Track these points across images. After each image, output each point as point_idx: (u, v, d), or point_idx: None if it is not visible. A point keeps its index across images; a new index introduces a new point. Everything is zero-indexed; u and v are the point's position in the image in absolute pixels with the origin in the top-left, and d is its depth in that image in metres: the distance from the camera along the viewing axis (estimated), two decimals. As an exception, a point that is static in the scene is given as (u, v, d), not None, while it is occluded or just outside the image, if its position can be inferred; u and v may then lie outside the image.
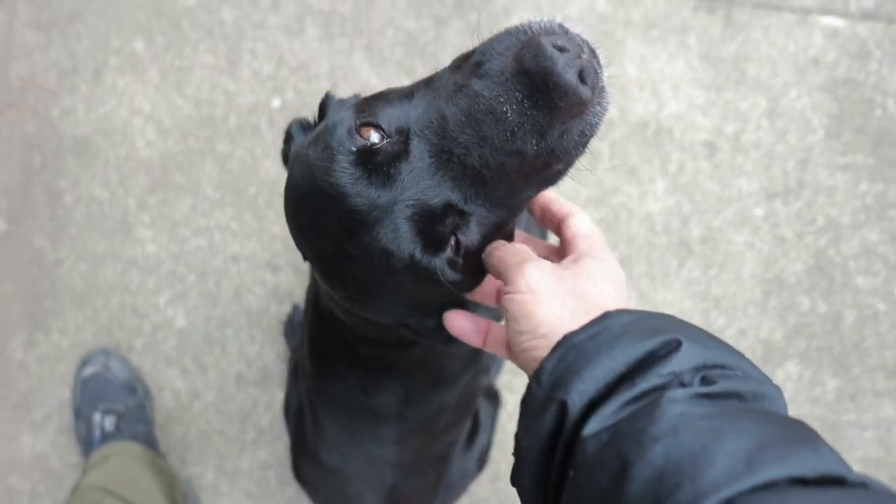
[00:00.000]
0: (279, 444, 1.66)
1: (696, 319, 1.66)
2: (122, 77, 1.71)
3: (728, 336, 1.66)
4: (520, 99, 0.54)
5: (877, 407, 1.66)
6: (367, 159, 0.60)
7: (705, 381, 0.47)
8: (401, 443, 1.05)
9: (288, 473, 1.63)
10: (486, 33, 0.61)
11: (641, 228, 1.67)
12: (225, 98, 1.69)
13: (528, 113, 0.54)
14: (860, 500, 0.39)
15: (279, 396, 1.66)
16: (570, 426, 0.48)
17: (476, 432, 1.34)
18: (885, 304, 1.66)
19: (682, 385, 0.47)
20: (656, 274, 1.67)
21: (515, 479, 0.53)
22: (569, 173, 0.63)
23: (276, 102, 1.69)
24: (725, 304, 1.67)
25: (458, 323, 0.68)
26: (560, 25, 0.57)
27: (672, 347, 0.48)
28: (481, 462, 1.41)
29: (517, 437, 0.53)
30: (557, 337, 0.53)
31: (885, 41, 1.68)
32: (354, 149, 0.61)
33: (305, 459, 1.19)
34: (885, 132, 1.68)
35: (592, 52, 0.57)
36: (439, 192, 0.59)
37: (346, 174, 0.61)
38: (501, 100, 0.55)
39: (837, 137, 1.68)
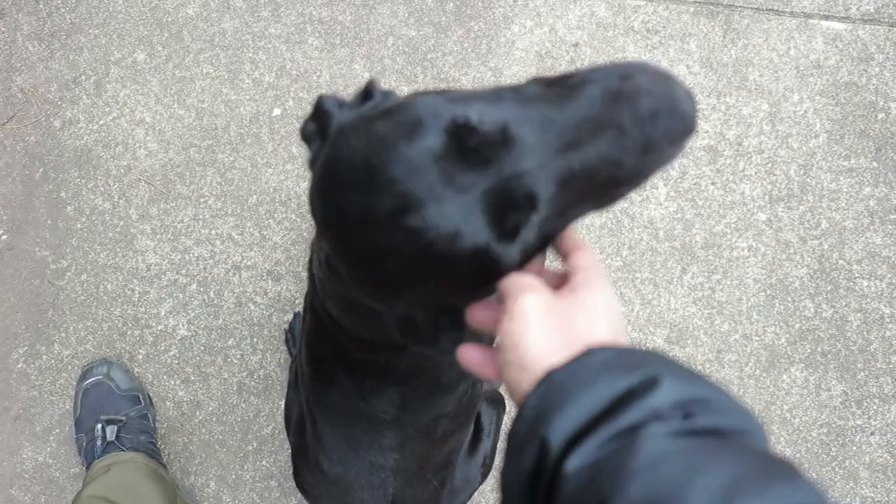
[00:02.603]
0: (281, 453, 1.65)
1: (699, 325, 1.65)
2: (123, 88, 1.71)
3: (732, 341, 1.65)
4: (637, 115, 0.57)
5: (884, 412, 1.64)
6: (461, 137, 0.60)
7: (686, 417, 0.47)
8: (401, 450, 1.04)
9: (290, 483, 1.62)
10: (486, 40, 0.61)
11: (644, 234, 1.66)
12: (226, 108, 1.70)
13: (643, 130, 0.57)
14: None
15: (281, 406, 1.65)
16: (552, 462, 0.48)
17: (479, 438, 1.33)
18: (890, 307, 1.65)
19: (663, 421, 0.46)
20: (659, 280, 1.66)
21: None
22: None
23: (276, 112, 1.69)
24: (729, 309, 1.66)
25: (471, 356, 0.67)
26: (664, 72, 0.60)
27: (652, 383, 0.48)
28: (485, 469, 1.39)
29: (501, 472, 0.53)
30: (539, 370, 0.52)
31: (887, 45, 1.68)
32: (448, 123, 0.60)
33: (306, 468, 1.19)
34: (887, 136, 1.67)
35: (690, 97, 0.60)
36: (528, 181, 0.59)
37: (433, 144, 0.60)
38: (620, 110, 0.57)
39: (840, 141, 1.67)
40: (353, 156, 0.64)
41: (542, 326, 0.56)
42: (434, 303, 0.68)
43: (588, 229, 1.65)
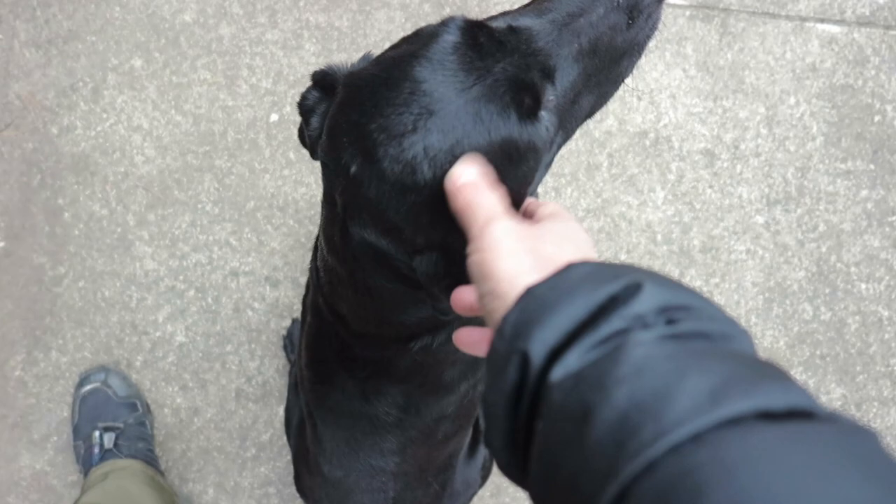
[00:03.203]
0: (280, 460, 1.65)
1: (698, 329, 1.65)
2: (120, 94, 1.71)
3: (731, 345, 1.65)
4: None
5: (883, 415, 1.64)
6: (477, 33, 0.64)
7: (669, 322, 0.46)
8: (402, 453, 1.04)
9: (289, 490, 1.62)
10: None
11: (642, 238, 1.67)
12: (223, 113, 1.70)
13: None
14: (828, 433, 0.38)
15: (280, 412, 1.65)
16: (534, 377, 0.47)
17: (479, 441, 1.33)
18: (888, 310, 1.65)
19: (646, 327, 0.45)
20: (658, 283, 1.66)
21: (487, 440, 0.52)
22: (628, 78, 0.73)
23: (274, 117, 1.69)
24: (728, 312, 1.65)
25: (466, 336, 0.67)
26: None
27: (634, 290, 0.47)
28: (485, 471, 1.39)
29: (483, 396, 0.51)
30: (516, 293, 0.51)
31: (883, 47, 1.69)
32: (461, 22, 0.65)
33: (307, 472, 1.18)
34: (884, 138, 1.67)
35: None
36: (542, 57, 0.64)
37: (451, 39, 0.63)
38: None
39: (837, 144, 1.68)
40: (375, 75, 0.66)
41: (511, 251, 0.55)
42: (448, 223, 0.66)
43: (586, 234, 1.65)
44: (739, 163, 1.68)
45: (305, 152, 1.65)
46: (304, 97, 0.75)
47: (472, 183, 0.61)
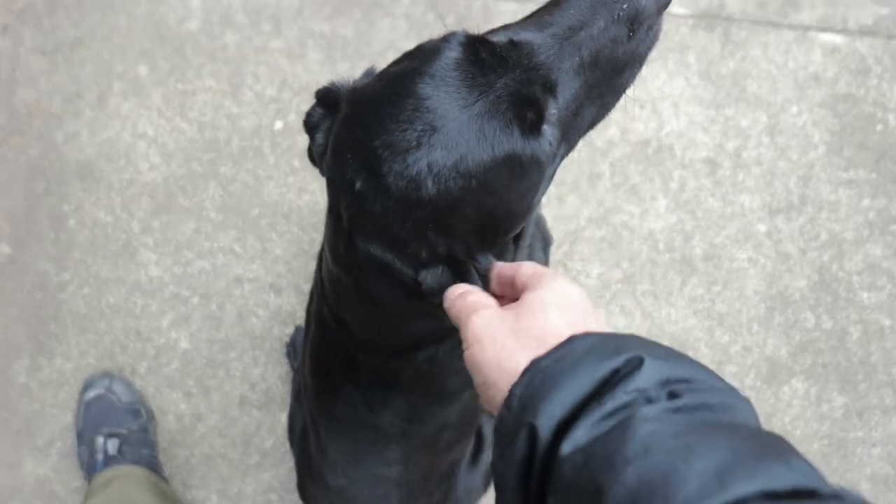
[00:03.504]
0: (283, 467, 1.65)
1: (700, 337, 1.66)
2: (125, 102, 1.72)
3: (733, 353, 1.65)
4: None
5: (885, 423, 1.64)
6: (478, 48, 0.64)
7: (671, 395, 0.47)
8: (406, 462, 1.04)
9: (291, 497, 1.62)
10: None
11: (644, 246, 1.67)
12: (228, 121, 1.71)
13: (630, 1, 0.65)
14: None
15: (283, 419, 1.65)
16: (543, 450, 0.48)
17: (480, 449, 1.33)
18: (890, 319, 1.65)
19: (650, 401, 0.47)
20: (659, 292, 1.66)
21: None
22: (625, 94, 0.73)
23: (278, 125, 1.70)
24: (730, 321, 1.66)
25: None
26: None
27: (635, 364, 0.49)
28: (487, 479, 1.39)
29: (493, 465, 0.53)
30: (504, 384, 0.53)
31: (885, 57, 1.69)
32: (463, 38, 0.66)
33: (310, 480, 1.19)
34: (886, 147, 1.68)
35: None
36: (543, 71, 0.65)
37: (452, 55, 0.64)
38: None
39: (839, 153, 1.68)
40: (378, 91, 0.67)
41: (493, 339, 0.57)
42: (481, 228, 0.68)
43: (588, 242, 1.66)
44: (741, 171, 1.68)
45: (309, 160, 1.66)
46: (308, 114, 0.76)
47: (461, 292, 0.64)
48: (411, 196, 0.63)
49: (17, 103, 1.73)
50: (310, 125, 0.75)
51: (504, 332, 0.57)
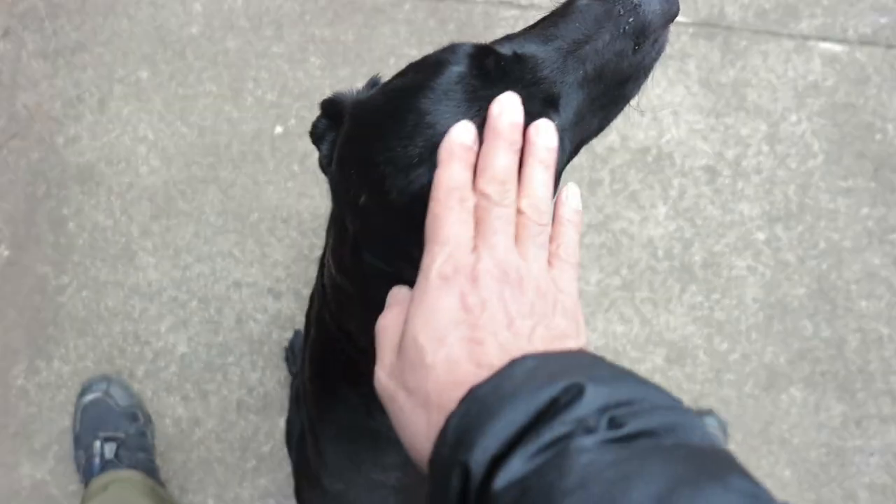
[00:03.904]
0: (280, 472, 1.65)
1: (699, 344, 1.66)
2: (126, 105, 1.73)
3: (731, 361, 1.65)
4: (627, 4, 0.65)
5: (883, 432, 1.64)
6: (484, 59, 0.64)
7: (613, 422, 0.46)
8: (404, 468, 1.04)
9: (289, 501, 1.61)
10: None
11: (643, 254, 1.67)
12: (228, 125, 1.71)
13: (636, 15, 0.65)
14: None
15: (280, 424, 1.65)
16: (475, 485, 0.46)
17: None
18: (888, 328, 1.66)
19: (589, 431, 0.45)
20: (658, 299, 1.67)
21: None
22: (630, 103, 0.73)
23: (278, 129, 1.71)
24: (728, 328, 1.66)
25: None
26: None
27: (574, 393, 0.47)
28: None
29: (428, 499, 0.51)
30: (424, 453, 0.53)
31: (884, 66, 1.70)
32: (469, 49, 0.65)
33: (307, 484, 1.18)
34: (885, 156, 1.68)
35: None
36: (546, 85, 0.64)
37: (457, 69, 0.64)
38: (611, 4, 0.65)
39: (838, 162, 1.69)
40: (380, 107, 0.67)
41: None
42: None
43: (587, 248, 1.66)
44: (741, 179, 1.68)
45: (309, 164, 1.67)
46: (314, 125, 0.76)
47: None
48: (416, 211, 0.63)
49: (18, 106, 1.73)
50: (315, 136, 0.76)
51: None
